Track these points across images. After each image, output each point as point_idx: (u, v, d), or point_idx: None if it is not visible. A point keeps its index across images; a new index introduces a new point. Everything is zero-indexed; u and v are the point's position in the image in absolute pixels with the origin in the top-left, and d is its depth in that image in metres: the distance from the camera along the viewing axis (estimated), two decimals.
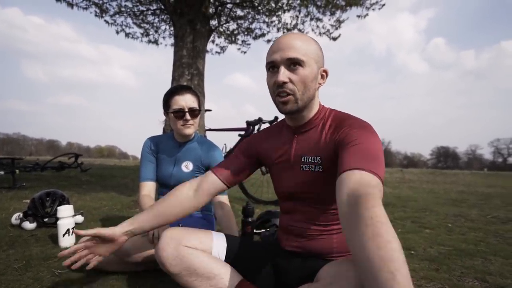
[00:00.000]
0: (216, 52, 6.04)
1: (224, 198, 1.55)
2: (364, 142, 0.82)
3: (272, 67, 0.93)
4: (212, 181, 1.08)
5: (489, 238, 2.15)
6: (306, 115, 1.00)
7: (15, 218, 2.09)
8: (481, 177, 10.67)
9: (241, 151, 1.14)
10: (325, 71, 0.98)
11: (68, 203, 2.11)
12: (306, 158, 0.98)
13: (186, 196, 1.06)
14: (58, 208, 1.71)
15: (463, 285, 1.33)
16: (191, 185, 1.09)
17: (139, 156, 1.66)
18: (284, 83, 0.90)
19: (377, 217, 0.60)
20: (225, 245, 1.07)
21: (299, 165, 1.00)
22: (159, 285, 1.25)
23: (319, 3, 4.85)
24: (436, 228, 2.45)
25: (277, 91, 0.92)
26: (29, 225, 2.01)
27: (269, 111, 3.69)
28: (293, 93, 0.91)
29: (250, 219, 1.82)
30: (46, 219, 2.06)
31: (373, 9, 4.86)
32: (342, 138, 0.88)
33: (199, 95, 1.64)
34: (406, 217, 2.88)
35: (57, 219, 1.73)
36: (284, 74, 0.89)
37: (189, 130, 1.50)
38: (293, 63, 0.90)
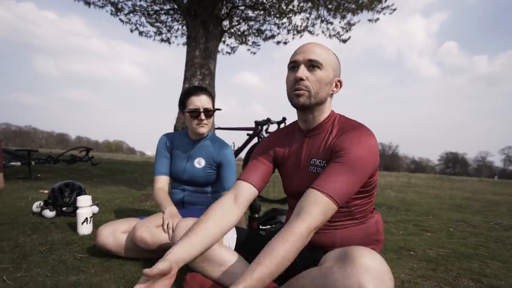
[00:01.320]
0: (227, 52, 6.13)
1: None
2: (348, 161, 0.94)
3: (293, 66, 1.04)
4: (246, 188, 1.11)
5: (489, 243, 2.20)
6: (317, 117, 1.08)
7: (35, 206, 2.22)
8: (489, 184, 10.56)
9: (260, 155, 1.19)
10: (339, 81, 1.08)
11: (85, 194, 2.23)
12: (314, 161, 1.06)
13: (227, 206, 1.07)
14: (78, 198, 1.82)
15: (458, 284, 1.39)
16: (229, 196, 1.09)
17: (146, 151, 1.77)
18: (302, 79, 1.00)
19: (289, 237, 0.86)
20: (235, 236, 1.16)
21: (308, 167, 1.08)
22: None
23: (330, 6, 4.89)
24: (438, 231, 2.50)
25: (294, 86, 1.02)
26: (49, 213, 2.14)
27: (277, 112, 3.79)
28: (308, 90, 1.01)
29: (256, 215, 1.91)
30: (64, 208, 2.19)
31: (384, 14, 4.90)
32: (336, 150, 0.98)
33: (213, 96, 1.74)
34: (409, 220, 2.93)
35: (76, 208, 1.84)
36: (303, 72, 1.01)
37: (203, 129, 1.60)
38: (313, 65, 1.01)
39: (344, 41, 5.41)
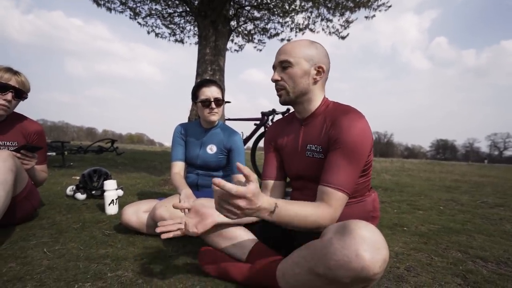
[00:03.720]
0: (235, 50, 6.05)
1: (242, 178, 1.63)
2: (347, 150, 0.93)
3: (274, 71, 1.05)
4: (271, 186, 1.14)
5: (475, 219, 2.17)
6: (308, 107, 1.06)
7: (69, 190, 2.27)
8: (476, 168, 10.36)
9: (268, 148, 1.19)
10: (320, 67, 1.02)
11: (111, 179, 2.26)
12: (310, 146, 1.05)
13: None
14: (105, 182, 1.85)
15: (447, 255, 1.38)
16: None
17: (164, 143, 1.77)
18: (276, 80, 1.03)
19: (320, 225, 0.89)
20: None
21: (304, 152, 1.06)
22: (188, 246, 1.37)
23: (329, 5, 4.77)
24: (429, 210, 2.47)
25: (275, 87, 1.05)
26: (80, 196, 2.18)
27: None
28: (284, 88, 1.03)
29: None
30: (93, 192, 2.23)
31: (380, 11, 4.75)
32: (333, 139, 0.96)
33: (222, 88, 1.72)
34: (402, 200, 2.91)
35: (103, 191, 1.87)
36: (276, 74, 1.03)
37: (214, 117, 1.59)
38: (284, 65, 1.01)
39: (343, 38, 5.28)
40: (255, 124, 3.75)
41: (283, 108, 3.53)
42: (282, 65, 1.01)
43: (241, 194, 0.72)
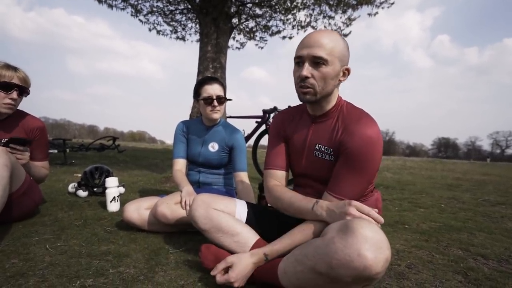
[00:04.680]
0: (236, 47, 6.04)
1: (244, 175, 1.63)
2: (355, 160, 0.92)
3: (298, 62, 0.96)
4: (278, 175, 1.12)
5: (477, 217, 2.17)
6: (324, 106, 1.03)
7: (71, 187, 2.28)
8: (478, 166, 10.33)
9: (276, 137, 1.14)
10: (347, 69, 0.99)
11: (113, 176, 2.27)
12: (320, 146, 1.02)
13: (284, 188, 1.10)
14: (106, 179, 1.86)
15: (448, 252, 1.38)
16: (277, 184, 1.12)
17: (166, 140, 1.78)
18: (307, 78, 0.93)
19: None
20: (246, 210, 1.17)
21: (312, 151, 1.04)
22: (189, 243, 1.37)
23: (331, 2, 4.74)
24: (430, 207, 2.47)
25: (300, 83, 0.95)
26: (82, 193, 2.19)
27: (282, 101, 3.74)
28: (312, 87, 0.94)
29: (264, 194, 1.91)
30: (95, 189, 2.24)
31: (383, 8, 4.72)
32: (344, 147, 0.94)
33: (224, 85, 1.72)
34: (404, 198, 2.90)
35: (105, 188, 1.88)
36: (307, 70, 0.92)
37: (216, 115, 1.59)
38: (317, 61, 0.91)
39: (345, 35, 5.26)
40: (256, 122, 3.74)
41: (285, 106, 3.52)
42: (314, 61, 0.91)
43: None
